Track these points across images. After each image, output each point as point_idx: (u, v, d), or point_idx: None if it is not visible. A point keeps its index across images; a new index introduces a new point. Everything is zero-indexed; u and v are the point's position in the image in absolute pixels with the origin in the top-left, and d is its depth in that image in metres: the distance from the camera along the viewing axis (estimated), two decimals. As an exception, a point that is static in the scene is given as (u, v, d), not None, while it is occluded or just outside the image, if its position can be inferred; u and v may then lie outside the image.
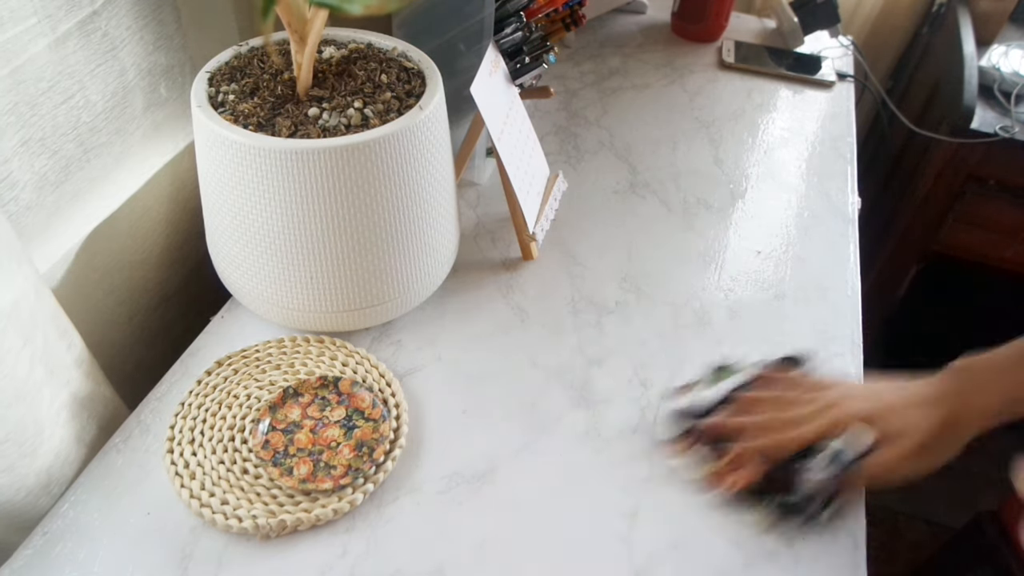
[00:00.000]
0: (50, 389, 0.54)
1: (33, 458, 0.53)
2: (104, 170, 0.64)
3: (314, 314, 0.65)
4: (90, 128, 0.61)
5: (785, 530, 0.58)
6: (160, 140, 0.70)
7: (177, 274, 0.76)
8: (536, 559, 0.55)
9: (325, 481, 0.56)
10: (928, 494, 1.60)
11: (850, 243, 0.87)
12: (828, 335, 0.75)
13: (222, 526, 0.54)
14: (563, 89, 1.11)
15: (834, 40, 1.28)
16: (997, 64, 1.35)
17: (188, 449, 0.58)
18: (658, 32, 1.29)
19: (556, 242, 0.83)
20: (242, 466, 0.58)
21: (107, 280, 0.66)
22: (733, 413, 0.63)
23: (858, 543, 0.57)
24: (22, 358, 0.50)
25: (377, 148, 0.57)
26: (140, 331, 0.73)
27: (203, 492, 0.56)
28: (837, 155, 1.02)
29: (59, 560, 0.52)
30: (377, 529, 0.56)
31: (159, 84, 0.67)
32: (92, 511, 0.55)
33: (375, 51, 0.67)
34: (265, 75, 0.62)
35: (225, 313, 0.71)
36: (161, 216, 0.72)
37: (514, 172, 0.74)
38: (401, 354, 0.69)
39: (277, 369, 0.65)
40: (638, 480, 0.60)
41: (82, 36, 0.57)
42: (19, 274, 0.49)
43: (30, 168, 0.56)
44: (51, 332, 0.55)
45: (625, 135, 1.02)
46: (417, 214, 0.63)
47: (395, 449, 0.59)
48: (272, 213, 0.58)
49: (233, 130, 0.56)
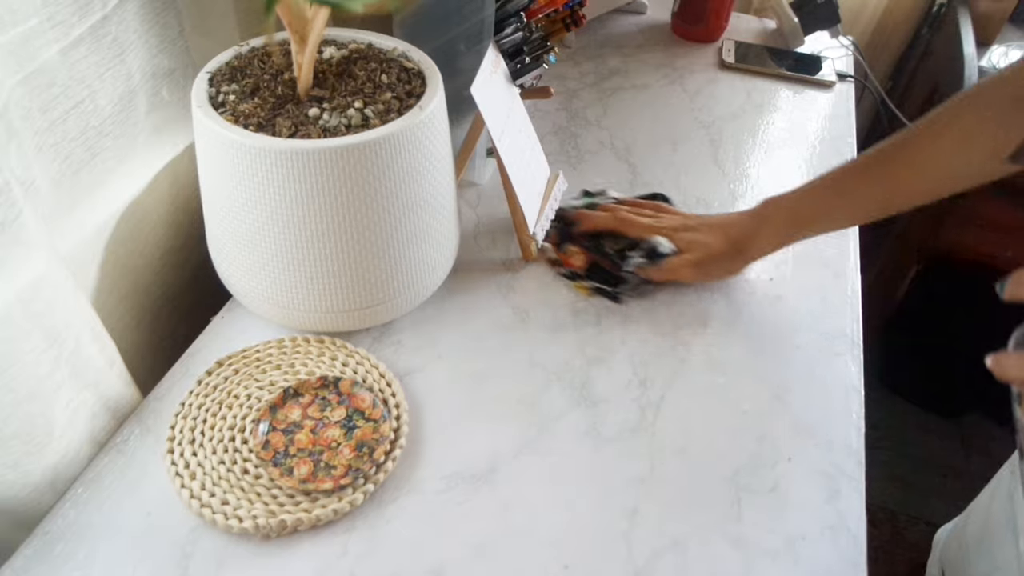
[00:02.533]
0: (70, 390, 0.54)
1: (40, 456, 0.53)
2: (106, 174, 0.64)
3: (314, 314, 0.65)
4: (98, 132, 0.61)
5: (600, 298, 0.76)
6: (161, 143, 0.70)
7: (179, 277, 0.77)
8: (536, 559, 0.55)
9: (325, 481, 0.56)
10: (928, 494, 1.61)
11: (850, 243, 0.87)
12: (828, 335, 0.75)
13: (222, 526, 0.54)
14: (563, 89, 1.11)
15: (834, 40, 1.28)
16: (997, 65, 1.35)
17: (188, 449, 0.58)
18: (658, 32, 1.29)
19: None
20: (242, 466, 0.58)
21: (111, 283, 0.66)
22: (580, 216, 0.81)
23: (858, 543, 0.57)
24: (45, 359, 0.51)
25: (377, 148, 0.57)
26: (149, 334, 0.73)
27: (203, 492, 0.56)
28: (837, 155, 1.02)
29: (59, 560, 0.52)
30: (377, 529, 0.56)
31: (161, 87, 0.67)
32: (92, 511, 0.55)
33: (375, 51, 0.67)
34: (265, 75, 0.62)
35: (225, 313, 0.71)
36: (162, 218, 0.72)
37: (514, 172, 0.74)
38: (401, 354, 0.69)
39: (277, 369, 0.65)
40: (638, 480, 0.60)
41: (93, 41, 0.57)
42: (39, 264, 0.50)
43: (45, 173, 0.56)
44: (85, 335, 0.55)
45: (625, 135, 1.02)
46: (417, 214, 0.63)
47: (395, 449, 0.59)
48: (272, 213, 0.58)
49: (233, 130, 0.56)
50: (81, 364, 0.55)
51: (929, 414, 1.74)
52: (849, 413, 0.67)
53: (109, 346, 0.59)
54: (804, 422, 0.66)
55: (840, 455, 0.64)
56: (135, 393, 0.63)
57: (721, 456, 0.63)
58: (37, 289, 0.49)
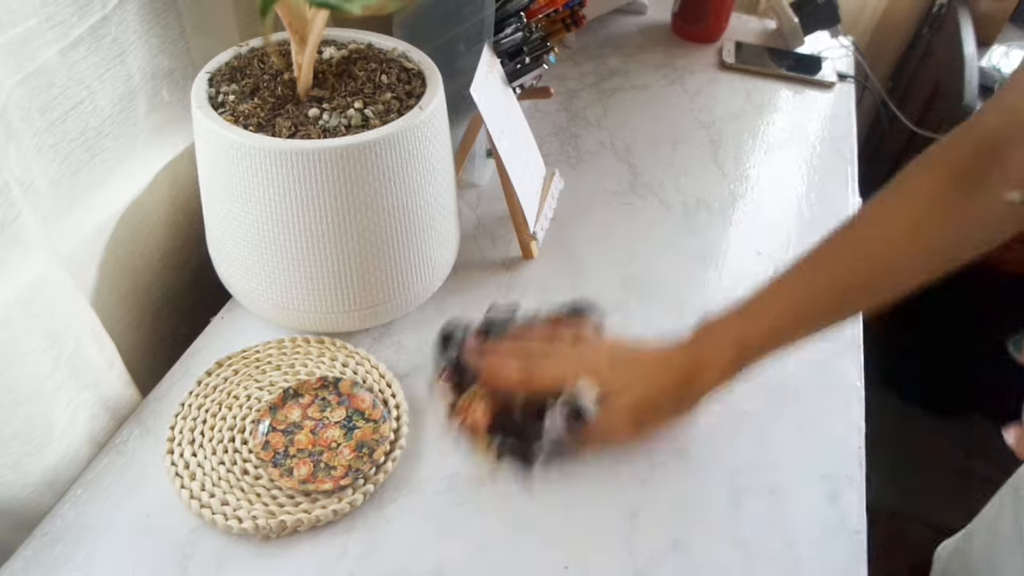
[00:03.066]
0: (70, 390, 0.54)
1: (40, 457, 0.53)
2: (106, 174, 0.64)
3: (314, 314, 0.65)
4: (97, 132, 0.61)
5: (509, 469, 0.58)
6: (160, 143, 0.70)
7: (179, 278, 0.77)
8: (536, 559, 0.55)
9: (325, 482, 0.56)
10: (929, 494, 1.60)
11: (850, 243, 0.86)
12: (828, 335, 0.74)
13: (222, 527, 0.54)
14: (563, 90, 1.11)
15: (834, 40, 1.28)
16: (998, 65, 1.35)
17: (188, 450, 0.58)
18: (658, 33, 1.29)
19: (556, 242, 0.83)
20: (242, 467, 0.58)
21: (111, 284, 0.66)
22: (480, 352, 0.60)
23: (859, 544, 0.57)
24: (44, 359, 0.51)
25: (377, 149, 0.57)
26: (149, 335, 0.73)
27: (203, 493, 0.56)
28: (838, 156, 1.02)
29: (59, 561, 0.52)
30: (377, 530, 0.56)
31: (161, 88, 0.67)
32: (92, 512, 0.55)
33: (375, 52, 0.67)
34: (265, 76, 0.62)
35: (225, 314, 0.71)
36: (161, 219, 0.72)
37: (514, 172, 0.74)
38: (402, 354, 0.69)
39: (277, 370, 0.65)
40: (638, 480, 0.60)
41: (93, 41, 0.57)
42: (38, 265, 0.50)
43: (45, 173, 0.56)
44: (84, 335, 0.55)
45: (625, 136, 1.02)
46: (418, 215, 0.63)
47: (395, 450, 0.59)
48: (272, 213, 0.58)
49: (233, 131, 0.56)
50: (81, 364, 0.55)
51: (930, 414, 1.73)
52: (849, 413, 0.67)
53: (109, 347, 0.59)
54: (804, 422, 0.66)
55: (840, 455, 0.63)
56: (135, 394, 0.63)
57: (721, 457, 0.63)
58: (36, 289, 0.49)
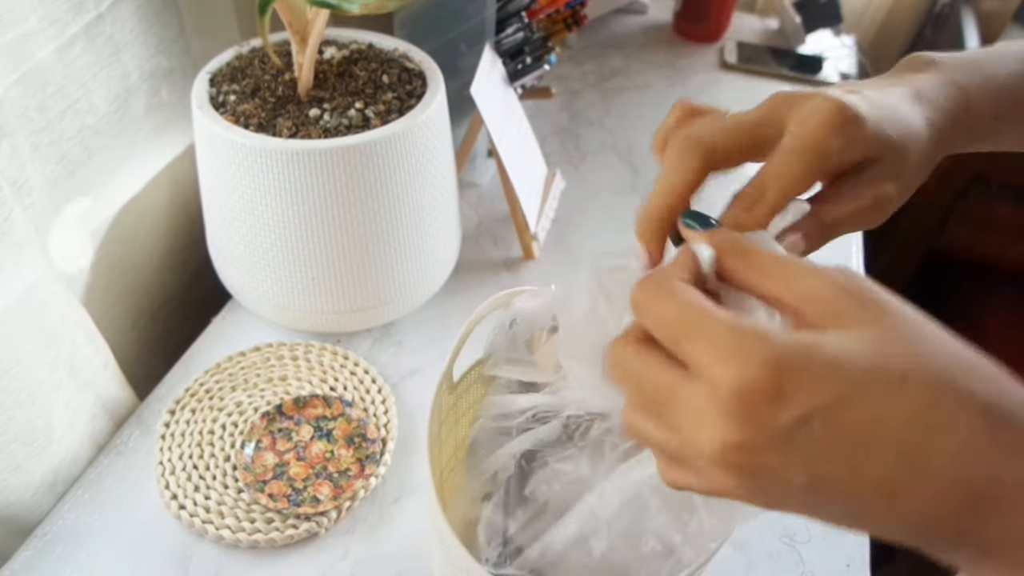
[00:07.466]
0: (68, 391, 0.54)
1: (40, 459, 0.53)
2: (105, 174, 0.64)
3: (315, 315, 0.65)
4: (94, 131, 0.61)
5: None
6: (160, 143, 0.70)
7: (180, 278, 0.76)
8: (537, 561, 0.55)
9: (315, 505, 0.55)
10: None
11: (852, 244, 0.86)
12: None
13: (213, 536, 0.54)
14: (564, 90, 1.10)
15: (837, 40, 1.28)
16: (1000, 64, 1.34)
17: (176, 453, 0.58)
18: (660, 32, 1.29)
19: (557, 243, 0.83)
20: (236, 487, 0.57)
21: (109, 284, 0.66)
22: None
23: (860, 543, 0.57)
24: (43, 359, 0.50)
25: (378, 149, 0.57)
26: (147, 335, 0.73)
27: (198, 508, 0.55)
28: (839, 155, 1.02)
29: (59, 562, 0.52)
30: (378, 530, 0.56)
31: (160, 87, 0.67)
32: (92, 513, 0.55)
33: (376, 52, 0.67)
34: (266, 76, 0.62)
35: (226, 314, 0.71)
36: (161, 219, 0.72)
37: (514, 172, 0.74)
38: (403, 355, 0.69)
39: (269, 382, 0.64)
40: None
41: (88, 40, 0.57)
42: (31, 265, 0.49)
43: (40, 172, 0.56)
44: (80, 336, 0.55)
45: (627, 136, 1.02)
46: (419, 215, 0.63)
47: (385, 454, 0.59)
48: (273, 214, 0.58)
49: (234, 131, 0.56)
50: (79, 364, 0.55)
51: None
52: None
53: (103, 348, 0.58)
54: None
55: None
56: (130, 395, 0.63)
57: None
58: (33, 289, 0.49)
